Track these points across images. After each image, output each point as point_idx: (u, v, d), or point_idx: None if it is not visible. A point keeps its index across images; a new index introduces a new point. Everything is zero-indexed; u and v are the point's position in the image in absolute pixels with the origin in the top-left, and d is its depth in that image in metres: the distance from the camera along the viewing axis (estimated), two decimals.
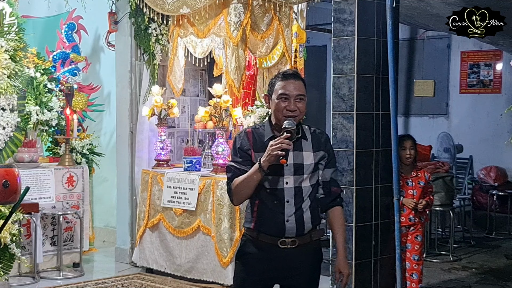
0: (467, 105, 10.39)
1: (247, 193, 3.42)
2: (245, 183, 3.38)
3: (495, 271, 7.23)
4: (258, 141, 3.45)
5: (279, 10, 6.57)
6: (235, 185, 3.43)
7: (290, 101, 3.40)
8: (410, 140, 5.77)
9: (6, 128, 6.41)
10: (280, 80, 3.45)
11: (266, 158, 3.29)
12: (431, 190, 5.80)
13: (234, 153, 3.50)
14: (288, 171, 3.40)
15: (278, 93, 3.42)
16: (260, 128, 3.52)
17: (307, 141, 3.47)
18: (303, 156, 3.44)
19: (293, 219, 3.39)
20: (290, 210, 3.40)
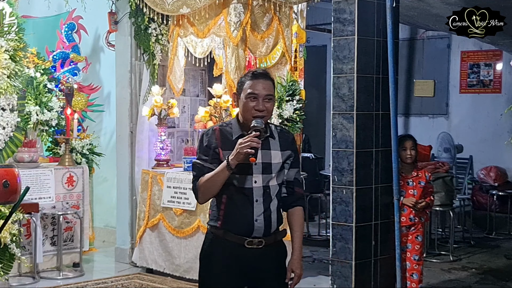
0: (467, 105, 10.40)
1: (213, 191, 3.38)
2: (212, 180, 3.34)
3: (495, 271, 7.23)
4: (226, 139, 3.41)
5: (279, 10, 6.57)
6: (202, 183, 3.38)
7: (259, 101, 3.36)
8: (411, 140, 5.77)
9: (6, 128, 6.41)
10: (250, 80, 3.41)
11: (235, 156, 3.26)
12: (431, 190, 5.80)
13: (200, 151, 3.45)
14: (256, 170, 3.37)
15: (247, 92, 3.38)
16: (227, 126, 3.47)
17: (274, 140, 3.46)
18: (271, 155, 3.43)
19: (262, 219, 3.38)
20: (259, 210, 3.38)
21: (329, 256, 5.57)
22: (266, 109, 3.38)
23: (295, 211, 3.55)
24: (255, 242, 3.38)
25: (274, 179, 3.42)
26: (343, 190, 5.41)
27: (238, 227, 3.38)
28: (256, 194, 3.38)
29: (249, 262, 3.39)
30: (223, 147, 3.39)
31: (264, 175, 3.39)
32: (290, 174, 3.52)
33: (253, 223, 3.36)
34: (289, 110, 6.53)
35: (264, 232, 3.39)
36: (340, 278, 5.44)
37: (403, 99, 10.78)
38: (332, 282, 5.50)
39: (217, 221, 3.44)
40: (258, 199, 3.38)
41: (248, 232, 3.37)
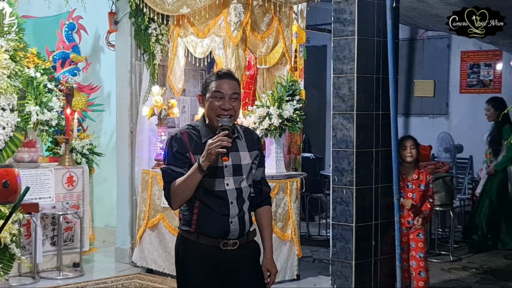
0: (467, 105, 10.40)
1: (186, 195, 3.33)
2: (185, 185, 3.29)
3: (495, 271, 7.23)
4: (195, 143, 3.37)
5: (279, 10, 6.57)
6: (174, 188, 3.32)
7: (225, 100, 3.34)
8: (411, 139, 5.78)
9: (6, 128, 6.40)
10: (215, 80, 3.38)
11: (206, 158, 3.23)
12: (430, 194, 5.78)
13: (170, 157, 3.38)
14: (227, 172, 3.36)
15: (212, 91, 3.35)
16: (193, 129, 3.42)
17: (241, 141, 3.44)
18: (240, 156, 3.41)
19: (237, 220, 3.36)
20: (234, 212, 3.36)
21: (329, 256, 5.57)
22: (233, 107, 3.35)
23: (263, 210, 3.55)
24: (230, 244, 3.37)
25: (245, 180, 3.41)
26: (343, 190, 5.42)
27: (213, 230, 3.35)
28: (230, 196, 3.36)
29: (224, 263, 3.38)
30: (194, 151, 3.34)
31: (235, 177, 3.38)
32: (257, 173, 3.52)
33: (228, 225, 3.35)
34: (289, 110, 6.53)
35: (239, 234, 3.38)
36: (340, 278, 5.44)
37: (403, 99, 10.78)
38: (332, 282, 5.50)
39: (190, 226, 3.40)
40: (232, 201, 3.36)
41: (224, 235, 3.36)
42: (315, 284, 6.57)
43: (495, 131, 8.14)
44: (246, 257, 3.44)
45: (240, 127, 3.52)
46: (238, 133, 3.45)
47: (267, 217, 3.56)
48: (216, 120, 3.33)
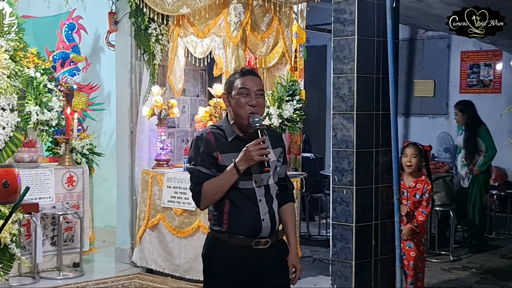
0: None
1: (218, 197, 3.34)
2: (219, 187, 3.31)
3: (495, 271, 7.23)
4: (221, 142, 3.38)
5: (279, 10, 6.57)
6: (206, 189, 3.33)
7: (251, 96, 3.37)
8: (413, 147, 5.69)
9: (6, 128, 6.40)
10: (239, 77, 3.41)
11: (245, 161, 3.26)
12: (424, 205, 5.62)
13: (197, 157, 3.38)
14: (254, 170, 3.35)
15: (239, 88, 3.37)
16: (218, 129, 3.43)
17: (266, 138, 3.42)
18: None
19: (268, 218, 3.37)
20: (264, 209, 3.37)
21: (329, 256, 5.56)
22: (259, 104, 3.38)
23: (287, 207, 3.55)
24: (262, 242, 3.36)
25: (271, 177, 3.42)
26: (343, 190, 5.41)
27: (245, 229, 3.35)
28: (259, 194, 3.36)
29: (256, 263, 3.37)
30: (221, 150, 3.36)
31: (263, 174, 3.37)
32: (281, 171, 3.53)
33: (260, 223, 3.35)
34: (289, 110, 6.53)
35: (270, 231, 3.38)
36: (340, 278, 5.44)
37: (403, 99, 10.78)
38: (332, 282, 5.50)
39: (222, 225, 3.39)
40: (261, 198, 3.36)
41: (256, 233, 3.35)
42: (315, 284, 6.57)
43: (468, 133, 8.15)
44: (275, 256, 3.43)
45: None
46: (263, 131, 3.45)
47: (291, 214, 3.56)
48: (246, 118, 3.35)
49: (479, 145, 8.10)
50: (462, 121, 8.24)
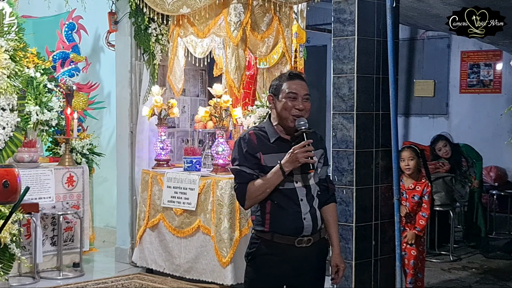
0: (467, 105, 10.39)
1: (263, 197, 3.43)
2: (265, 187, 3.41)
3: (495, 271, 7.23)
4: (264, 143, 3.47)
5: (279, 10, 6.57)
6: (252, 190, 3.42)
7: (298, 100, 3.45)
8: (409, 150, 5.75)
9: (6, 128, 6.40)
10: (287, 80, 3.50)
11: (291, 163, 3.37)
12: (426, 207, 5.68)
13: (241, 157, 3.47)
14: (296, 170, 3.43)
15: (286, 92, 3.46)
16: (260, 130, 3.53)
17: None
18: None
19: (309, 217, 3.45)
20: (306, 208, 3.45)
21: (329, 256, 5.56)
22: (305, 108, 3.47)
23: (330, 207, 3.63)
24: (305, 241, 3.45)
25: (312, 178, 3.51)
26: (343, 190, 5.41)
27: (287, 227, 3.43)
28: (300, 194, 3.46)
29: (298, 261, 3.46)
30: (263, 151, 3.45)
31: (304, 175, 3.46)
32: (322, 172, 3.62)
33: (302, 221, 3.43)
34: None
35: (312, 230, 3.46)
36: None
37: (403, 99, 10.77)
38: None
39: (264, 225, 3.47)
40: (302, 198, 3.46)
41: (298, 232, 3.43)
42: None
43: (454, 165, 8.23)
44: (316, 254, 3.53)
45: None
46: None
47: (333, 214, 3.65)
48: (292, 121, 3.45)
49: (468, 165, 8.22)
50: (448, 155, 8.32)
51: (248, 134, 3.51)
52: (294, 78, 3.52)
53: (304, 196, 3.46)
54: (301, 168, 3.42)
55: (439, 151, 8.26)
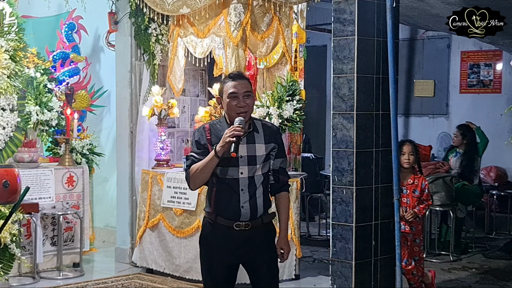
0: (467, 105, 10.39)
1: (203, 178, 3.81)
2: (203, 168, 3.77)
3: (495, 271, 7.23)
4: (216, 136, 3.81)
5: (279, 10, 6.57)
6: (193, 171, 3.80)
7: (239, 99, 3.78)
8: (410, 145, 5.83)
9: (6, 128, 6.40)
10: (228, 82, 3.84)
11: (221, 145, 3.69)
12: (426, 199, 5.82)
13: (193, 146, 3.88)
14: (242, 162, 3.80)
15: (228, 92, 3.80)
16: (217, 124, 3.90)
17: (258, 133, 3.87)
18: (255, 148, 3.84)
19: (248, 205, 3.81)
20: (245, 198, 3.81)
21: (329, 256, 5.56)
22: (247, 105, 3.80)
23: (280, 196, 4.00)
24: (242, 225, 3.83)
25: (259, 169, 3.85)
26: (343, 190, 5.41)
27: (226, 212, 3.83)
28: (242, 184, 3.81)
29: (240, 242, 3.84)
30: (212, 142, 3.81)
31: (250, 166, 3.82)
32: (276, 163, 3.94)
33: (239, 209, 3.81)
34: (289, 110, 6.53)
35: (250, 217, 3.83)
36: (340, 278, 5.44)
37: (403, 99, 10.78)
38: (332, 282, 5.50)
39: (210, 207, 3.90)
40: (243, 188, 3.81)
41: (236, 217, 3.82)
42: (315, 284, 6.57)
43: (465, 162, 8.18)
44: (260, 237, 3.89)
45: (261, 121, 3.99)
46: (255, 127, 3.89)
47: (284, 202, 4.00)
48: (234, 118, 3.78)
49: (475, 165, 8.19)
50: (459, 144, 8.27)
51: (203, 127, 3.90)
52: (234, 78, 3.84)
53: (245, 186, 3.81)
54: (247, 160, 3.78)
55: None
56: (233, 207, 3.83)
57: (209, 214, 3.92)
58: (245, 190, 3.82)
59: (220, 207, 3.86)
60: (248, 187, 3.83)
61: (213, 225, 3.89)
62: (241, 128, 3.69)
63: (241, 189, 3.82)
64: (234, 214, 3.83)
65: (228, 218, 3.84)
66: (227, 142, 3.68)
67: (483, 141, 8.19)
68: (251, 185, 3.83)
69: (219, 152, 3.71)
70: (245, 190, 3.82)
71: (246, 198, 3.82)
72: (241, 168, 3.81)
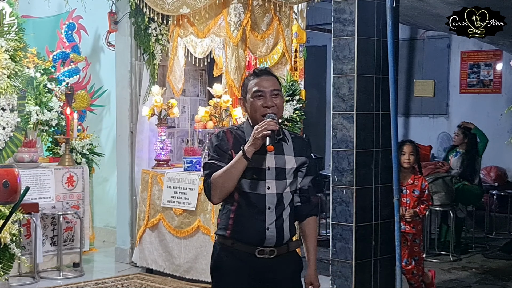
0: (467, 105, 10.39)
1: (229, 186, 3.16)
2: (228, 173, 3.14)
3: (495, 271, 7.23)
4: (239, 143, 3.22)
5: (279, 10, 6.57)
6: (215, 178, 3.17)
7: (266, 97, 3.23)
8: (410, 145, 5.83)
9: (6, 128, 6.40)
10: (253, 79, 3.28)
11: (251, 143, 3.10)
12: (426, 199, 5.82)
13: (212, 152, 3.27)
14: (270, 175, 3.21)
15: (253, 91, 3.24)
16: (238, 129, 3.32)
17: (288, 144, 3.31)
18: (284, 159, 3.27)
19: (274, 228, 3.21)
20: (271, 218, 3.21)
21: (329, 256, 5.56)
22: (275, 105, 3.24)
23: (309, 221, 3.38)
24: (267, 252, 3.22)
25: (288, 186, 3.27)
26: (343, 190, 5.41)
27: (248, 236, 3.21)
28: (269, 201, 3.21)
29: (261, 272, 3.23)
30: (236, 149, 3.20)
31: (278, 181, 3.23)
32: (305, 181, 3.35)
33: (264, 231, 3.20)
34: (289, 110, 6.53)
35: (276, 242, 3.22)
36: (340, 278, 5.44)
37: (403, 99, 10.78)
38: (332, 282, 5.50)
39: (226, 230, 3.25)
40: (270, 206, 3.21)
41: (259, 241, 3.20)
42: None
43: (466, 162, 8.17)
44: (284, 268, 3.28)
45: (289, 132, 3.40)
46: (285, 136, 3.32)
47: (313, 228, 3.39)
48: (261, 120, 3.20)
49: (476, 165, 8.19)
50: (460, 143, 8.27)
51: (223, 132, 3.30)
52: (260, 75, 3.28)
53: (273, 204, 3.21)
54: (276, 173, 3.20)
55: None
56: (257, 230, 3.19)
57: (224, 238, 3.26)
58: (272, 209, 3.20)
59: (240, 230, 3.21)
60: (276, 206, 3.21)
61: (230, 252, 3.24)
62: (275, 123, 3.13)
63: (268, 207, 3.19)
64: (257, 238, 3.19)
65: (250, 243, 3.19)
66: (259, 137, 3.08)
67: (483, 141, 8.18)
68: (279, 204, 3.22)
69: (249, 152, 3.10)
70: (272, 209, 3.20)
71: (272, 219, 3.20)
72: (269, 182, 3.20)
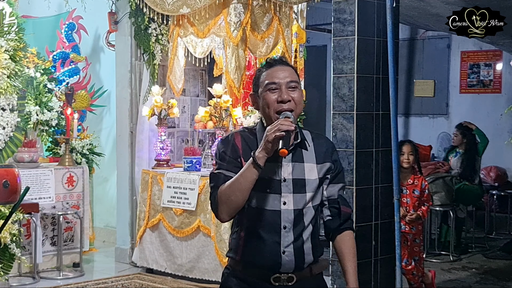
0: (467, 105, 10.39)
1: (238, 200, 2.66)
2: (237, 184, 2.63)
3: (495, 271, 7.23)
4: (250, 147, 2.73)
5: (279, 10, 6.57)
6: (223, 191, 2.67)
7: (281, 90, 2.70)
8: (409, 145, 5.84)
9: (6, 128, 6.41)
10: (265, 70, 2.76)
11: (263, 147, 2.59)
12: (426, 199, 5.83)
13: (219, 159, 2.77)
14: (286, 188, 2.70)
15: (265, 83, 2.72)
16: (250, 132, 2.80)
17: (307, 150, 2.78)
18: (304, 169, 2.75)
19: (291, 251, 2.70)
20: (288, 239, 2.70)
21: (329, 256, 5.56)
22: (292, 99, 2.70)
23: (344, 236, 2.84)
24: (284, 279, 2.71)
25: (310, 200, 2.75)
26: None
27: (261, 260, 2.71)
28: (284, 220, 2.70)
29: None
30: (246, 157, 2.70)
31: (296, 194, 2.72)
32: (333, 191, 2.83)
33: (280, 255, 2.69)
34: None
35: (295, 267, 2.71)
36: (340, 278, 5.43)
37: (403, 99, 10.78)
38: (332, 282, 5.50)
39: (236, 253, 2.77)
40: (286, 225, 2.70)
41: (275, 267, 2.70)
42: None
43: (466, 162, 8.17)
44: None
45: (311, 132, 2.87)
46: (305, 140, 2.79)
47: (350, 245, 2.83)
48: (275, 118, 2.70)
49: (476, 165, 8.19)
50: (459, 143, 8.28)
51: (231, 136, 2.79)
52: (274, 65, 2.75)
53: (289, 222, 2.70)
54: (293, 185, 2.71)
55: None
56: (271, 253, 2.68)
57: (235, 263, 2.78)
58: (289, 229, 2.69)
59: (251, 253, 2.71)
60: (294, 225, 2.69)
61: (240, 278, 2.75)
62: (290, 122, 2.60)
63: (283, 227, 2.69)
64: (271, 263, 2.68)
65: (264, 269, 2.69)
66: (271, 141, 2.56)
67: (483, 142, 8.18)
68: (297, 222, 2.70)
69: (260, 159, 2.58)
70: (289, 229, 2.69)
71: (289, 241, 2.69)
72: (284, 196, 2.69)
